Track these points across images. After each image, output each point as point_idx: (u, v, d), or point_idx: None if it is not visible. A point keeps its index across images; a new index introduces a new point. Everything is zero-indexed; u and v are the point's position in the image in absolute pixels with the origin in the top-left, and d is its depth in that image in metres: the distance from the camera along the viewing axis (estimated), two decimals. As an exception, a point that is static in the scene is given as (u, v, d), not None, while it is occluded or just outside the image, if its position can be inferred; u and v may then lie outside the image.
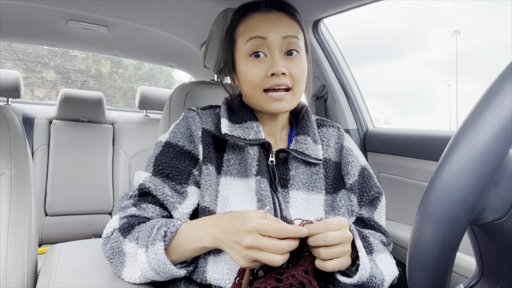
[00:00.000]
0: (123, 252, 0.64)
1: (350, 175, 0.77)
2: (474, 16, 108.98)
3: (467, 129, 0.35)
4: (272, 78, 0.68)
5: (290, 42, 0.70)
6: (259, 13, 0.73)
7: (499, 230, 0.38)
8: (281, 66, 0.68)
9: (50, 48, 6.36)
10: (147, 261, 0.60)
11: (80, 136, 2.18)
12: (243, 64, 0.72)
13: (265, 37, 0.69)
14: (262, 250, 0.52)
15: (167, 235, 0.60)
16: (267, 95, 0.69)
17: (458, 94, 24.15)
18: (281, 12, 0.73)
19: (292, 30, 0.71)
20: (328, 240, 0.55)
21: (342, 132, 0.84)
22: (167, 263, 0.59)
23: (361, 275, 0.58)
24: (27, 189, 0.81)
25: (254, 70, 0.70)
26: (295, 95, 0.72)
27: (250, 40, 0.70)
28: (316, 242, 0.56)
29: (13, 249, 0.75)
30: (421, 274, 0.39)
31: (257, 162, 0.70)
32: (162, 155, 0.72)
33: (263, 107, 0.71)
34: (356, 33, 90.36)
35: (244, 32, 0.72)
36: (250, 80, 0.70)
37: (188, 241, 0.61)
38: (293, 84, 0.70)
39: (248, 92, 0.73)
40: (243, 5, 0.77)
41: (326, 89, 1.38)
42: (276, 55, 0.69)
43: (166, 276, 0.62)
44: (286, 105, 0.71)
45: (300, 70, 0.71)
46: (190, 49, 1.85)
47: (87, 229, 2.11)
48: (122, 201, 0.71)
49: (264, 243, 0.52)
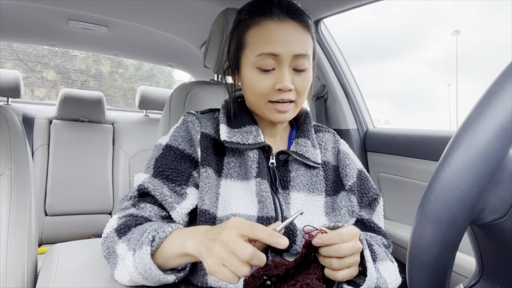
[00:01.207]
0: (116, 253, 0.63)
1: (349, 177, 0.78)
2: (474, 15, 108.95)
3: (467, 129, 0.35)
4: (279, 93, 0.68)
5: (300, 60, 0.68)
6: (274, 21, 0.69)
7: (499, 230, 0.38)
8: (288, 82, 0.67)
9: (50, 48, 6.36)
10: (133, 264, 0.59)
11: (80, 136, 2.18)
12: (250, 73, 0.70)
13: (277, 54, 0.67)
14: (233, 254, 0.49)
15: (155, 240, 0.58)
16: (272, 106, 0.69)
17: (458, 94, 24.14)
18: (295, 21, 0.70)
19: (304, 46, 0.69)
20: (342, 252, 0.55)
21: (338, 137, 0.85)
22: (153, 268, 0.57)
23: (368, 286, 0.59)
24: (27, 189, 0.81)
25: (261, 82, 0.69)
26: (298, 106, 0.72)
27: (262, 55, 0.68)
28: (329, 252, 0.56)
29: (13, 249, 0.75)
30: (421, 274, 0.39)
31: (257, 165, 0.70)
32: (163, 158, 0.71)
33: (266, 116, 0.72)
34: (355, 32, 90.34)
35: (256, 41, 0.69)
36: (255, 91, 0.70)
37: (172, 246, 0.58)
38: (296, 98, 0.70)
39: (252, 99, 0.72)
40: (254, 5, 0.73)
41: (326, 89, 1.38)
42: (285, 71, 0.68)
43: (153, 281, 0.60)
44: (289, 115, 0.71)
45: (305, 84, 0.70)
46: (190, 49, 1.85)
47: (87, 229, 2.11)
48: (122, 202, 0.71)
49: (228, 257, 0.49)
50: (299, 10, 0.72)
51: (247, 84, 0.72)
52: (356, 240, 0.58)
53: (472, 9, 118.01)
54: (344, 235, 0.56)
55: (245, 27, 0.72)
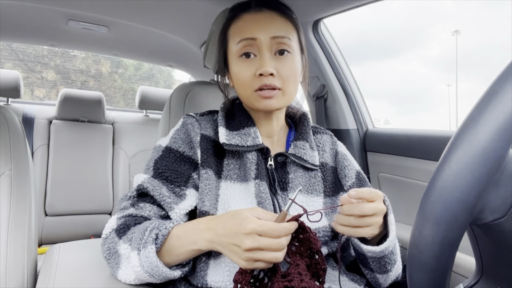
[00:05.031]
0: (118, 253, 0.64)
1: (348, 178, 0.78)
2: (474, 14, 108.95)
3: (467, 129, 0.35)
4: (261, 79, 0.68)
5: (280, 42, 0.70)
6: (250, 13, 0.73)
7: (499, 230, 0.38)
8: (269, 67, 0.68)
9: (50, 48, 6.36)
10: (139, 264, 0.60)
11: (80, 136, 2.18)
12: (235, 64, 0.72)
13: (255, 37, 0.69)
14: (263, 250, 0.52)
15: (159, 238, 0.60)
16: (257, 94, 0.70)
17: (458, 94, 24.16)
18: (272, 11, 0.72)
19: (282, 30, 0.71)
20: (364, 211, 0.57)
21: (335, 139, 0.86)
22: (159, 265, 0.59)
23: (387, 246, 0.62)
24: (27, 189, 0.81)
25: (244, 71, 0.70)
26: (286, 95, 0.71)
27: (241, 41, 0.70)
28: (352, 211, 0.58)
29: (13, 249, 0.75)
30: (421, 274, 0.39)
31: (255, 166, 0.70)
32: (162, 159, 0.72)
33: (254, 105, 0.72)
34: (355, 30, 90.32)
35: (235, 33, 0.72)
36: (241, 81, 0.71)
37: (182, 244, 0.60)
38: (282, 85, 0.70)
39: (240, 92, 0.74)
40: (236, 4, 0.77)
41: (326, 89, 1.38)
42: (265, 56, 0.69)
43: (160, 278, 0.62)
44: (276, 102, 0.70)
45: (290, 70, 0.70)
46: (190, 49, 1.85)
47: (87, 229, 2.11)
48: (121, 202, 0.71)
49: (264, 243, 0.52)
50: (276, 2, 0.75)
51: (234, 77, 0.73)
52: (379, 202, 0.59)
53: (472, 8, 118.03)
54: (374, 193, 0.58)
55: (227, 25, 0.76)
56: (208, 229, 0.59)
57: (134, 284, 0.64)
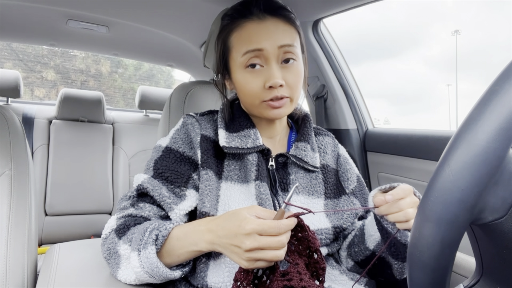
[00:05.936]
0: (118, 254, 0.64)
1: (350, 181, 0.79)
2: (474, 14, 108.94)
3: (467, 129, 0.35)
4: (271, 91, 0.68)
5: (286, 51, 0.69)
6: (253, 21, 0.70)
7: (499, 230, 0.37)
8: (278, 78, 0.67)
9: (50, 48, 6.36)
10: (140, 264, 0.60)
11: (80, 136, 2.18)
12: (240, 75, 0.71)
13: (261, 48, 0.68)
14: (264, 249, 0.53)
15: (159, 239, 0.60)
16: (267, 104, 0.69)
17: (458, 94, 24.16)
18: (276, 17, 0.70)
19: (288, 37, 0.70)
20: (401, 207, 0.58)
21: (336, 141, 0.86)
22: (160, 266, 0.59)
23: None
24: (27, 189, 0.81)
25: (252, 82, 0.69)
26: (294, 101, 0.72)
27: (247, 53, 0.68)
28: (390, 210, 0.59)
29: (13, 249, 0.75)
30: (421, 274, 0.39)
31: (256, 167, 0.70)
32: (162, 160, 0.72)
33: (262, 114, 0.72)
34: (355, 30, 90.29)
35: (240, 43, 0.70)
36: (248, 92, 0.70)
37: (182, 245, 0.60)
38: (290, 93, 0.70)
39: (246, 100, 0.73)
40: (235, 9, 0.74)
41: (326, 89, 1.38)
42: (273, 66, 0.68)
43: (160, 278, 0.62)
44: (285, 111, 0.71)
45: (297, 78, 0.70)
46: (190, 49, 1.85)
47: (87, 229, 2.11)
48: (121, 202, 0.71)
49: (264, 242, 0.52)
50: (279, 6, 0.72)
51: (239, 86, 0.72)
52: (411, 196, 0.60)
53: (472, 7, 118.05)
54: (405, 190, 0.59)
55: (227, 32, 0.73)
56: (208, 230, 0.58)
57: (134, 284, 0.64)
